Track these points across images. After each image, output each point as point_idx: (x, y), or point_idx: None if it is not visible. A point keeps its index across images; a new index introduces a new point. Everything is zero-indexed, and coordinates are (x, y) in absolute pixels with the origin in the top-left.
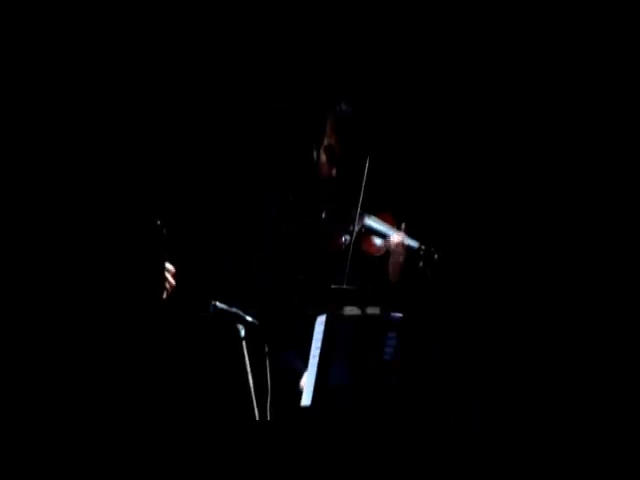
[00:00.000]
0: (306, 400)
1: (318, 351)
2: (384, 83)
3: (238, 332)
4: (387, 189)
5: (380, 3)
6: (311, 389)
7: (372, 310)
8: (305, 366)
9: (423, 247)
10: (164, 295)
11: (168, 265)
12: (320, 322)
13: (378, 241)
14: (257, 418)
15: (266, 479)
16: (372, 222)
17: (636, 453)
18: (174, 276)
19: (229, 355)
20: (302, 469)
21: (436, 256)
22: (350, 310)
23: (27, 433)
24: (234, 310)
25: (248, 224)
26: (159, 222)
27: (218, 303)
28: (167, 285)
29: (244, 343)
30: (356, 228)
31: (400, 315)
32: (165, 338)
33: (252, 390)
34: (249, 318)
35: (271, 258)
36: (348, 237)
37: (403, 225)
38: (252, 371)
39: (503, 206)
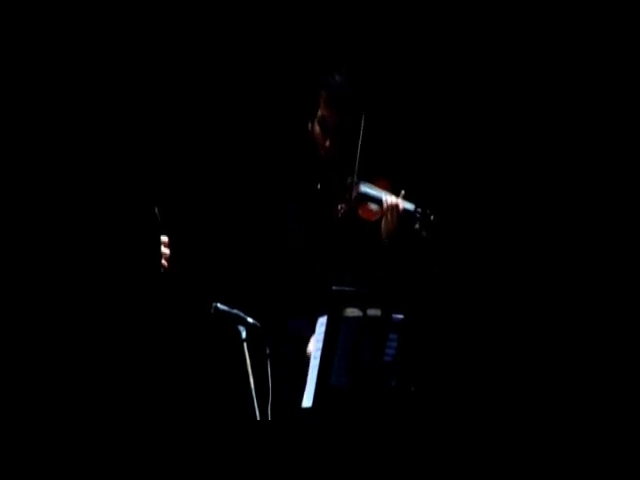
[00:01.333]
0: (307, 401)
1: (319, 352)
2: (376, 51)
3: (239, 334)
4: (382, 155)
5: None
6: (312, 390)
7: (373, 311)
8: (313, 333)
9: (419, 209)
10: (162, 269)
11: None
12: (321, 323)
13: (374, 207)
14: (258, 419)
15: None
16: (367, 188)
17: (636, 453)
18: (167, 246)
19: (230, 357)
20: (303, 471)
21: (432, 217)
22: (351, 311)
23: (24, 431)
24: (235, 312)
25: (253, 225)
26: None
27: (219, 305)
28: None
29: (245, 345)
30: (352, 196)
31: (401, 316)
32: (166, 339)
33: (253, 391)
34: (250, 319)
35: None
36: (344, 206)
37: (402, 192)
38: (253, 373)
39: (500, 168)
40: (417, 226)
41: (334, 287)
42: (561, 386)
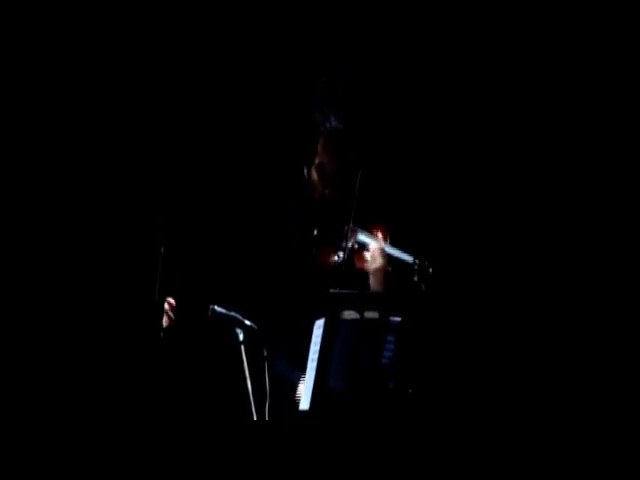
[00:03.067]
0: (304, 404)
1: (316, 355)
2: (373, 95)
3: (237, 336)
4: (379, 203)
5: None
6: (309, 393)
7: (370, 314)
8: (299, 375)
9: (417, 261)
10: (164, 326)
11: (169, 299)
12: (319, 325)
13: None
14: (255, 422)
15: None
16: (365, 237)
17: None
18: (173, 310)
19: (228, 359)
20: (300, 473)
21: (430, 270)
22: (349, 314)
23: (24, 435)
24: (233, 314)
25: (252, 226)
26: (159, 221)
27: (217, 307)
28: (166, 318)
29: (242, 347)
30: (349, 245)
31: (398, 319)
32: (164, 342)
33: (250, 394)
34: (248, 322)
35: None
36: (341, 254)
37: (388, 239)
38: (250, 375)
39: (496, 217)
40: (415, 278)
41: (331, 289)
42: (559, 389)
